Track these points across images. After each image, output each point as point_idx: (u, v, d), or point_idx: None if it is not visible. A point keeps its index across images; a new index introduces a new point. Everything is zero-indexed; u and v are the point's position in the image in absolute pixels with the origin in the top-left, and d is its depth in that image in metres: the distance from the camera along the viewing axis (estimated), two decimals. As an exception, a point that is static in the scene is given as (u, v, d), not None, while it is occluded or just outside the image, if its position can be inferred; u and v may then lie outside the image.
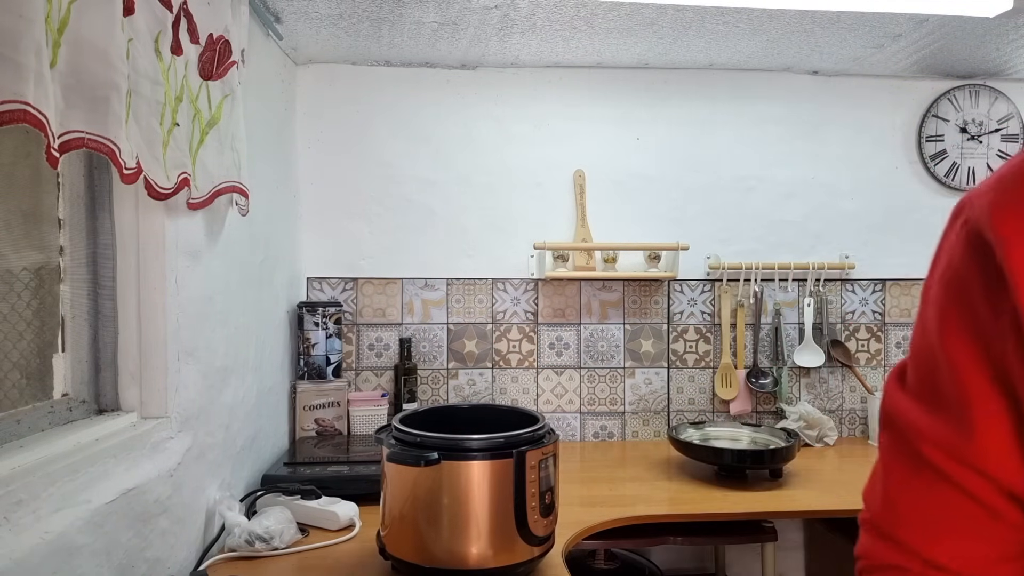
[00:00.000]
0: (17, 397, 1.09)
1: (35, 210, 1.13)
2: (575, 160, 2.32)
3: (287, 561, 1.36)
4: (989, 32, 1.97)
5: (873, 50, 2.12)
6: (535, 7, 1.80)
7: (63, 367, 1.19)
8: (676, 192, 2.34)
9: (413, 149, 2.29)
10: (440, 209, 2.30)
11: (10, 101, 0.76)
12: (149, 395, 1.27)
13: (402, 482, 1.20)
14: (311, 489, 1.54)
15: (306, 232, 2.25)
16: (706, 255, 2.33)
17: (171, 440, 1.29)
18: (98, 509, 1.03)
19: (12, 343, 1.08)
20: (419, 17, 1.87)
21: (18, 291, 1.09)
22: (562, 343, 2.32)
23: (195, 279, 1.39)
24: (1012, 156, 0.83)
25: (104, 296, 1.25)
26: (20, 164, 1.09)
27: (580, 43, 2.07)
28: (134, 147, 1.05)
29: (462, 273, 2.30)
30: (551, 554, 1.31)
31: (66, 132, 0.90)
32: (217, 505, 1.42)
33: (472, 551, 1.17)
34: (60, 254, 1.18)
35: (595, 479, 1.91)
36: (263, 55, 1.87)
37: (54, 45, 0.87)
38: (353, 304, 2.27)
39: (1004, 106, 2.38)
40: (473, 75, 2.29)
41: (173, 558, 1.27)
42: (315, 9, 1.81)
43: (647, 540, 1.77)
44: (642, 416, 2.35)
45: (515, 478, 1.18)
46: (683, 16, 1.84)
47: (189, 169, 1.25)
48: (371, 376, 2.28)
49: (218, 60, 1.36)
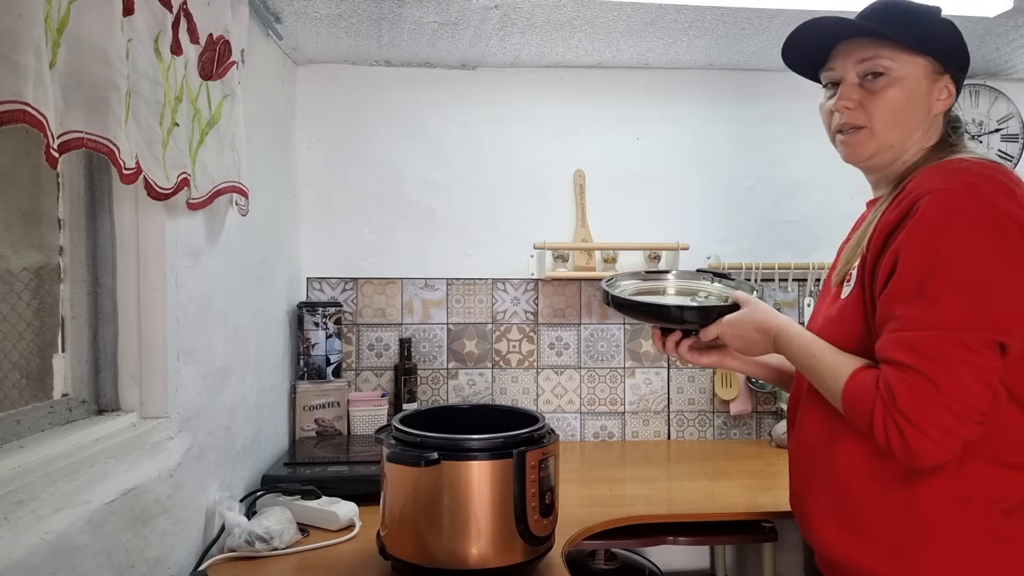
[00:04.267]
0: (17, 397, 1.09)
1: (35, 210, 1.13)
2: (575, 160, 2.31)
3: (287, 561, 1.36)
4: (989, 32, 1.97)
5: (873, 50, 2.11)
6: (535, 7, 1.80)
7: (63, 367, 1.19)
8: (676, 192, 2.34)
9: (413, 149, 2.29)
10: (440, 209, 2.30)
11: (9, 101, 0.76)
12: (149, 395, 1.27)
13: (402, 482, 1.20)
14: (311, 489, 1.54)
15: (306, 232, 2.25)
16: (706, 255, 2.33)
17: (171, 440, 1.29)
18: (98, 509, 1.03)
19: (12, 343, 1.08)
20: (419, 17, 1.87)
21: (18, 291, 1.09)
22: (562, 343, 2.32)
23: (195, 279, 1.39)
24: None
25: (104, 296, 1.24)
26: (20, 164, 1.09)
27: (580, 43, 2.07)
28: (134, 147, 1.05)
29: (462, 273, 2.30)
30: (551, 554, 1.30)
31: (65, 132, 0.90)
32: (217, 505, 1.42)
33: (472, 551, 1.17)
34: (60, 254, 1.18)
35: (595, 479, 1.91)
36: (263, 55, 1.87)
37: (53, 45, 0.87)
38: (353, 304, 2.27)
39: (1004, 106, 2.37)
40: (473, 75, 2.29)
41: (173, 558, 1.27)
42: (315, 9, 1.81)
43: (647, 540, 1.77)
44: (642, 416, 2.34)
45: (515, 478, 1.18)
46: (683, 16, 1.84)
47: (189, 169, 1.25)
48: (371, 376, 2.28)
49: (218, 60, 1.36)
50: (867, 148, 1.10)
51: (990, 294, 0.93)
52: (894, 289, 0.97)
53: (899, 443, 0.93)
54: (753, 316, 1.17)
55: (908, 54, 1.06)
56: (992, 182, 0.97)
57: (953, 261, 0.93)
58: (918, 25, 1.07)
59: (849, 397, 1.00)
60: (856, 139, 1.11)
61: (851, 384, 1.00)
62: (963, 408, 0.90)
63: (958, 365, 0.91)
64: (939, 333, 0.92)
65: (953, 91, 1.09)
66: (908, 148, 1.10)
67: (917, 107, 1.08)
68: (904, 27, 1.06)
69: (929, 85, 1.08)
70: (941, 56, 1.08)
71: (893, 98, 1.07)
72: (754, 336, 1.17)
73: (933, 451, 0.92)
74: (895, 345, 0.95)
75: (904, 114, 1.08)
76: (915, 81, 1.07)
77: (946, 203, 0.95)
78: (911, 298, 0.95)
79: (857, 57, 1.09)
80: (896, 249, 0.98)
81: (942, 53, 1.08)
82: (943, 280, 0.93)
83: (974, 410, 0.91)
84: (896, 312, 0.96)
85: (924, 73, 1.07)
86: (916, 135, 1.09)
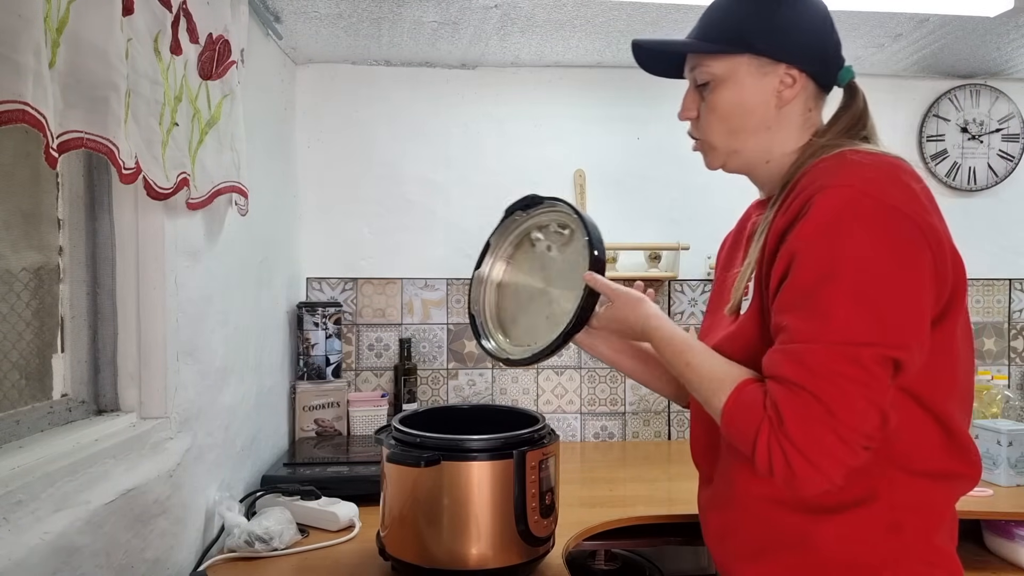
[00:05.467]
0: (16, 397, 1.09)
1: (35, 210, 1.13)
2: (575, 160, 2.31)
3: (287, 562, 1.35)
4: (990, 32, 1.96)
5: (874, 50, 2.11)
6: (535, 7, 1.80)
7: (62, 367, 1.18)
8: (676, 192, 2.34)
9: (413, 149, 2.29)
10: (440, 209, 2.30)
11: (9, 101, 0.75)
12: (148, 395, 1.27)
13: (402, 483, 1.20)
14: (311, 490, 1.53)
15: (306, 232, 2.25)
16: (706, 255, 2.32)
17: (170, 440, 1.29)
18: (97, 510, 1.03)
19: (12, 343, 1.08)
20: (419, 17, 1.86)
21: (18, 291, 1.09)
22: (562, 343, 2.32)
23: (194, 279, 1.39)
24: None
25: (103, 296, 1.24)
26: (20, 164, 1.09)
27: (580, 43, 2.07)
28: (133, 147, 1.05)
29: (462, 273, 2.30)
30: (551, 555, 1.30)
31: (65, 132, 0.90)
32: (217, 506, 1.41)
33: (472, 552, 1.17)
34: (59, 254, 1.18)
35: (595, 479, 1.91)
36: (263, 55, 1.87)
37: (53, 45, 0.87)
38: (353, 304, 2.27)
39: (1005, 106, 2.37)
40: (473, 75, 2.29)
41: (173, 559, 1.26)
42: (315, 9, 1.81)
43: (648, 540, 1.77)
44: (642, 416, 2.34)
45: (515, 479, 1.18)
46: (684, 16, 1.84)
47: (188, 169, 1.25)
48: (371, 376, 2.27)
49: (217, 60, 1.35)
50: (714, 159, 1.05)
51: (885, 305, 0.83)
52: (784, 297, 0.88)
53: (783, 470, 0.84)
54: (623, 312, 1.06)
55: (725, 57, 0.99)
56: (890, 178, 0.88)
57: (846, 267, 0.84)
58: (730, 23, 1.00)
59: (731, 413, 0.90)
60: (702, 150, 1.06)
61: (734, 399, 0.90)
62: (852, 434, 0.82)
63: (850, 385, 0.82)
64: (830, 348, 0.83)
65: (800, 78, 0.98)
66: (770, 148, 1.01)
67: (752, 107, 0.99)
68: (716, 30, 1.01)
69: (759, 81, 0.98)
70: (765, 49, 0.97)
71: (719, 105, 1.00)
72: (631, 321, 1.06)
73: (817, 481, 0.84)
74: (783, 358, 0.86)
75: (737, 118, 1.00)
76: (740, 81, 0.99)
77: (840, 202, 0.86)
78: (801, 307, 0.86)
79: (689, 65, 1.04)
80: (788, 252, 0.88)
81: (766, 46, 0.97)
82: (835, 288, 0.84)
83: (863, 436, 0.82)
84: (786, 322, 0.87)
85: (749, 71, 0.98)
86: (766, 134, 1.00)
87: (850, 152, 0.93)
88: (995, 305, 2.43)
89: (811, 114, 1.02)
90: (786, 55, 0.98)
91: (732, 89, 0.99)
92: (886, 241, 0.84)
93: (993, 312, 2.43)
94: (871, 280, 0.83)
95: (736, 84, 0.99)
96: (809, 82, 0.99)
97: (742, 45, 0.98)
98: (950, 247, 0.89)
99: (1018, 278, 2.43)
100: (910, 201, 0.86)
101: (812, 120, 1.02)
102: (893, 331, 0.83)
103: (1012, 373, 2.42)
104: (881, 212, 0.85)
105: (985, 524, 1.72)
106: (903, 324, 0.84)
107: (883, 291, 0.83)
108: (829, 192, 0.87)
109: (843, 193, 0.86)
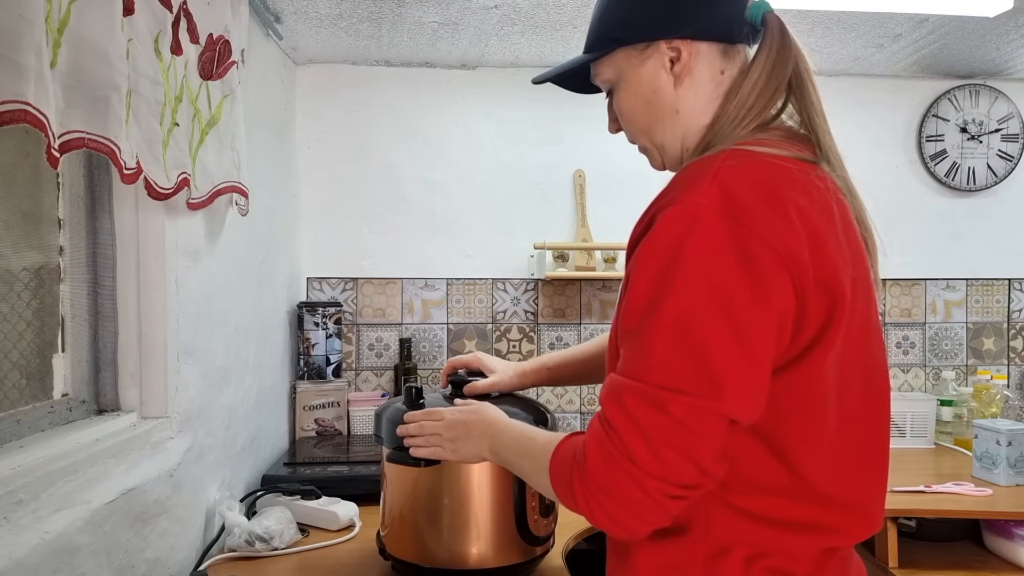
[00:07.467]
0: (17, 397, 1.09)
1: (35, 210, 1.13)
2: (575, 160, 2.31)
3: (287, 561, 1.36)
4: (989, 32, 1.97)
5: (873, 50, 2.12)
6: (535, 7, 1.80)
7: (63, 367, 1.19)
8: (676, 192, 2.34)
9: (413, 149, 2.29)
10: (440, 209, 2.30)
11: (10, 101, 0.76)
12: (149, 395, 1.27)
13: (402, 482, 1.20)
14: (311, 489, 1.54)
15: (306, 232, 2.25)
16: (706, 255, 2.33)
17: (171, 440, 1.29)
18: (98, 509, 1.03)
19: (12, 343, 1.08)
20: (419, 17, 1.87)
21: (18, 291, 1.09)
22: (562, 343, 2.32)
23: (195, 279, 1.39)
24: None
25: (104, 296, 1.24)
26: (20, 164, 1.09)
27: (580, 43, 2.05)
28: (134, 147, 1.05)
29: (462, 273, 2.30)
30: (551, 554, 1.30)
31: (66, 132, 0.90)
32: (217, 505, 1.42)
33: (472, 551, 1.17)
34: (60, 254, 1.18)
35: (595, 479, 1.91)
36: (263, 55, 1.87)
37: (54, 45, 0.87)
38: (353, 304, 2.27)
39: (1004, 106, 2.38)
40: (473, 75, 2.29)
41: (173, 558, 1.27)
42: (315, 9, 1.81)
43: (647, 540, 1.76)
44: (642, 416, 2.34)
45: (515, 478, 1.18)
46: (683, 16, 1.84)
47: (189, 169, 1.25)
48: (371, 376, 2.28)
49: (218, 60, 1.36)
50: (652, 160, 0.99)
51: (710, 349, 0.72)
52: (621, 320, 0.81)
53: (602, 518, 0.77)
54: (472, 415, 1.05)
55: (606, 59, 0.95)
56: (758, 194, 0.76)
57: (671, 303, 0.74)
58: (596, 25, 0.97)
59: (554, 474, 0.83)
60: (643, 154, 1.00)
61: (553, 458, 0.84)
62: (655, 483, 0.73)
63: (657, 432, 0.73)
64: (645, 390, 0.74)
65: (686, 46, 0.88)
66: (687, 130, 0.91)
67: (650, 97, 0.91)
68: (591, 37, 0.97)
69: (643, 68, 0.91)
70: (632, 35, 0.91)
71: (623, 107, 0.95)
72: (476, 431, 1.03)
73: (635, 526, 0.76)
74: (608, 392, 0.78)
75: (642, 114, 0.93)
76: (628, 77, 0.92)
77: (682, 225, 0.75)
78: (632, 336, 0.78)
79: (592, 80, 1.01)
80: (628, 271, 0.81)
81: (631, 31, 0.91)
82: (657, 324, 0.74)
83: (673, 486, 0.73)
84: (621, 349, 0.80)
85: (630, 63, 0.92)
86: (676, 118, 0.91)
87: (724, 153, 0.82)
88: (995, 305, 2.43)
89: (723, 76, 0.90)
90: (654, 31, 0.89)
91: (625, 88, 0.93)
92: (725, 274, 0.73)
93: (992, 312, 2.43)
94: (698, 319, 0.73)
95: (626, 81, 0.93)
96: (701, 44, 0.88)
97: (612, 41, 0.93)
98: (823, 275, 0.77)
99: (1017, 278, 2.43)
100: (774, 224, 0.75)
101: (728, 82, 0.90)
102: (712, 380, 0.73)
103: (1011, 373, 2.42)
104: (727, 239, 0.74)
105: (984, 524, 1.73)
106: (727, 372, 0.73)
107: (710, 333, 0.73)
108: (673, 211, 0.77)
109: (689, 212, 0.75)
